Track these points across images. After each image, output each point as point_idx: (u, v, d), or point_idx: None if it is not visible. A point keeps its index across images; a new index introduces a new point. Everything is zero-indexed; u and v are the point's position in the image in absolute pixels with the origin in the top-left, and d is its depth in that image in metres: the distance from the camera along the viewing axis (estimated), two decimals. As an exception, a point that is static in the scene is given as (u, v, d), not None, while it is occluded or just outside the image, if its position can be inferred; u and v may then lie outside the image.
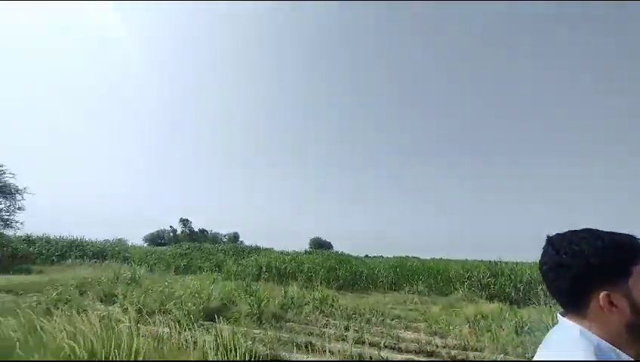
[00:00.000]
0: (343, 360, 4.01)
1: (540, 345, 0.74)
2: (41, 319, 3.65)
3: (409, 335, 5.60)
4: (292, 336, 4.90)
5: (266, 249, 26.15)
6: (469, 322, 5.94)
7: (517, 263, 12.53)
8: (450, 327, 5.90)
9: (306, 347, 4.50)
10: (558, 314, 0.75)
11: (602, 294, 0.66)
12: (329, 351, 4.06)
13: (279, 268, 13.21)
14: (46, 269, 13.35)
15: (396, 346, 5.07)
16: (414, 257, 25.86)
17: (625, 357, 0.62)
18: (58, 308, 4.74)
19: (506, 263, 12.27)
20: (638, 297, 0.64)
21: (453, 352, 4.80)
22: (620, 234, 0.71)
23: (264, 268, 13.26)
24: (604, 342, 0.64)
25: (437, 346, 5.06)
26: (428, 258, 25.59)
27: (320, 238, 40.93)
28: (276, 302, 6.85)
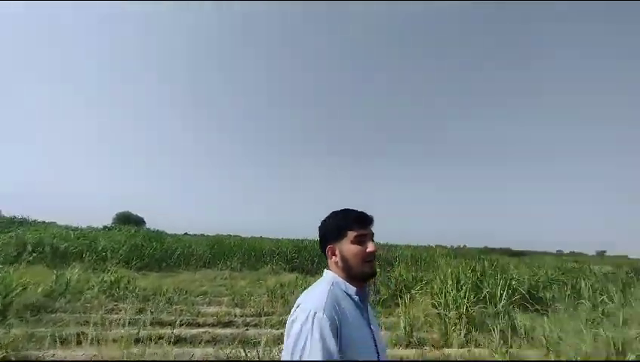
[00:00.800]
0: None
1: None
2: None
3: (211, 309, 5.67)
4: (55, 329, 3.89)
5: (42, 222, 19.67)
6: (268, 291, 6.64)
7: (316, 240, 15.11)
8: (252, 297, 6.42)
9: (77, 338, 3.70)
10: (325, 270, 1.07)
11: (327, 247, 1.04)
12: (96, 339, 3.49)
13: (57, 246, 10.23)
14: None
15: (195, 321, 5.02)
16: (236, 235, 26.43)
17: (351, 287, 0.97)
18: None
19: (310, 240, 14.57)
20: (345, 251, 1.00)
21: (248, 319, 5.24)
22: (350, 209, 1.07)
23: (30, 247, 9.89)
24: (341, 279, 0.99)
25: (235, 316, 5.38)
26: (249, 236, 26.83)
27: (129, 213, 34.32)
28: (39, 289, 5.26)
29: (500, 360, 3.64)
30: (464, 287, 5.55)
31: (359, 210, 1.11)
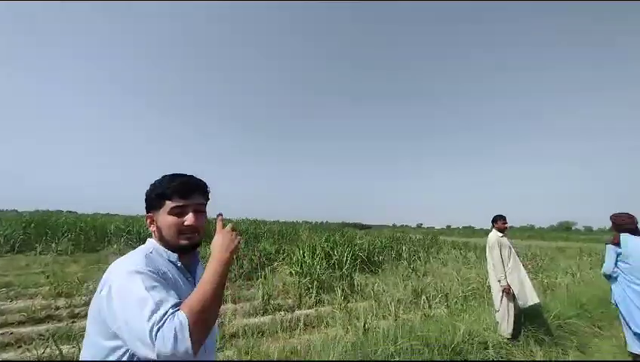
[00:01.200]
0: None
1: None
2: None
3: (16, 305, 4.38)
4: None
5: None
6: (109, 275, 5.64)
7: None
8: (85, 284, 5.32)
9: None
10: (148, 238, 1.00)
11: (147, 216, 0.97)
12: None
13: None
14: None
15: (-13, 323, 3.77)
16: (70, 211, 21.32)
17: (172, 254, 0.93)
18: None
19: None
20: (161, 221, 0.94)
21: (77, 310, 4.32)
22: (176, 176, 0.97)
23: None
24: (162, 247, 0.93)
25: (57, 308, 4.34)
26: (90, 212, 22.10)
27: None
28: None
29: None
30: (318, 256, 6.24)
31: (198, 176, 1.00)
